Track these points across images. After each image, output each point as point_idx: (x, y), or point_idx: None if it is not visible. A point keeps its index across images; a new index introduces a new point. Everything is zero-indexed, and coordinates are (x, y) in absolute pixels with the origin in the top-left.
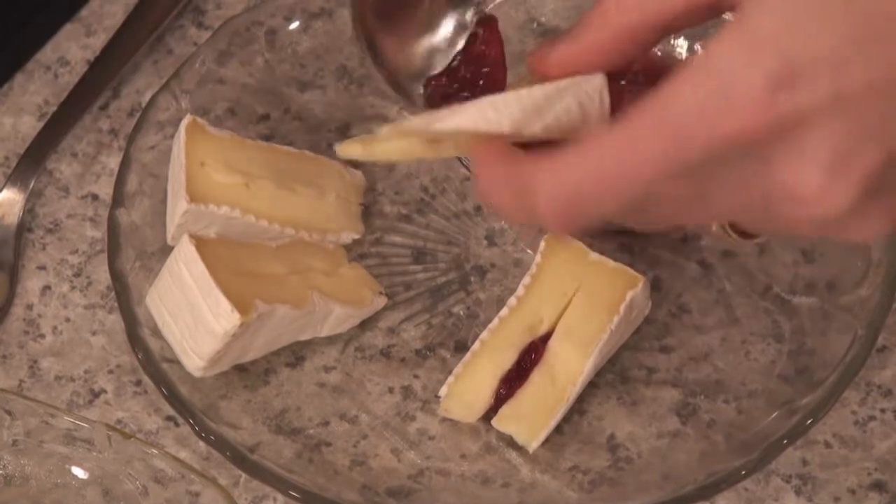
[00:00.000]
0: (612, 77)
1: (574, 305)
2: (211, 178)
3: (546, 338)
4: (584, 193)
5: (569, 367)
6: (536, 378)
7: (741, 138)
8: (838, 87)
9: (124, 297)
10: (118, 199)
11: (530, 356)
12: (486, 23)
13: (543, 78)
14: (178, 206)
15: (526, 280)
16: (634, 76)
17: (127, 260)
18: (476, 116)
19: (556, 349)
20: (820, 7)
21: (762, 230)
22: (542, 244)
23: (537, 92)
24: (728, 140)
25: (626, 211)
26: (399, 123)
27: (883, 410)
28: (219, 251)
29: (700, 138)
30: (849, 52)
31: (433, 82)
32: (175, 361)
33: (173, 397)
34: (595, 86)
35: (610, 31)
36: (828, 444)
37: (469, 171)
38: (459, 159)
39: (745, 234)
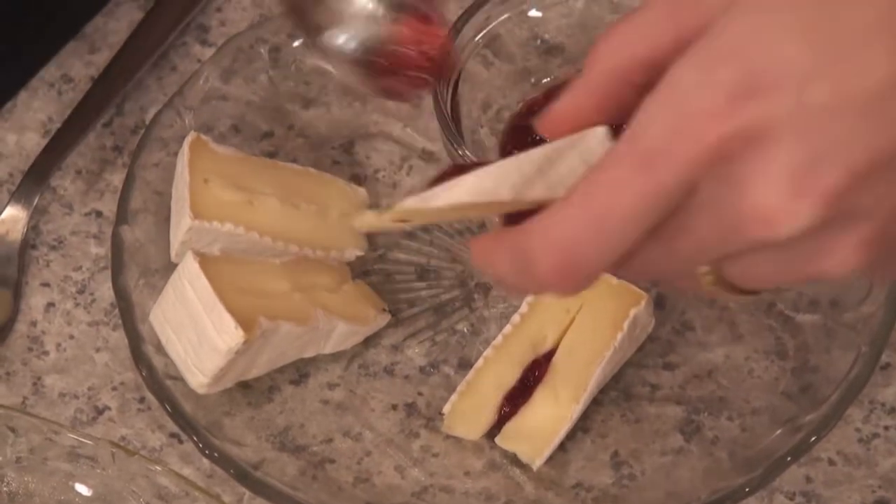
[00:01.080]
0: (617, 129)
1: (577, 323)
2: (214, 195)
3: (549, 355)
4: (578, 245)
5: (572, 384)
6: (540, 396)
7: (706, 154)
8: (802, 100)
9: (128, 314)
10: (122, 216)
11: (534, 374)
12: None
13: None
14: (181, 223)
15: (529, 298)
16: None
17: (131, 277)
18: (474, 189)
19: (560, 367)
20: (789, 20)
21: (743, 274)
22: None
23: (537, 154)
24: (694, 157)
25: (624, 256)
26: (401, 205)
27: (887, 428)
28: (222, 268)
29: (670, 162)
30: (816, 66)
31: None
32: (179, 378)
33: (177, 414)
34: (598, 139)
35: (603, 76)
36: (831, 462)
37: None
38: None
39: (736, 290)
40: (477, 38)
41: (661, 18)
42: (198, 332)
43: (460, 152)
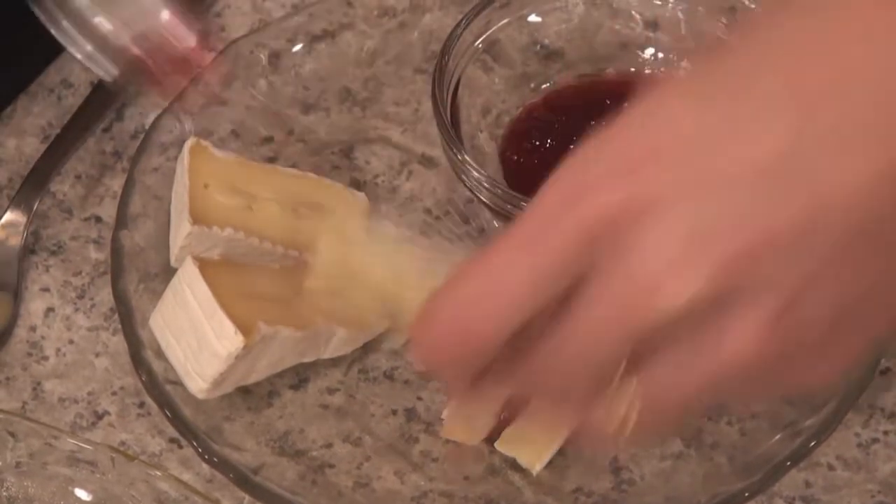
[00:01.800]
0: None
1: None
2: (214, 200)
3: None
4: (472, 307)
5: None
6: (538, 401)
7: (588, 225)
8: (694, 170)
9: (127, 319)
10: (121, 220)
11: None
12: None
13: None
14: (181, 228)
15: None
16: None
17: (130, 282)
18: None
19: None
20: (687, 92)
21: (653, 385)
22: None
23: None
24: (575, 227)
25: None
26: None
27: (886, 433)
28: (222, 273)
29: (552, 235)
30: (710, 137)
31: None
32: (178, 383)
33: (177, 419)
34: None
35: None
36: (831, 467)
37: (473, 193)
38: (461, 177)
39: (657, 416)
40: (476, 44)
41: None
42: (197, 337)
43: (459, 157)
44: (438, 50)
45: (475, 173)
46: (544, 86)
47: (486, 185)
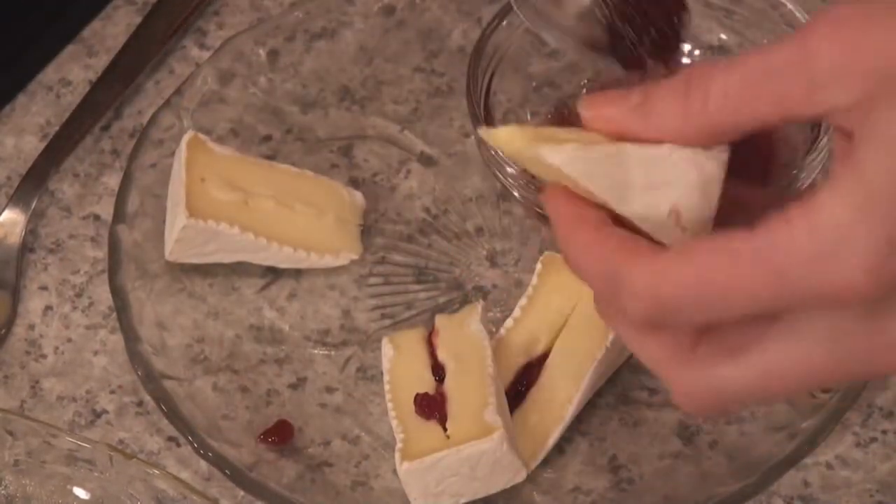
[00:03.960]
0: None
1: (570, 325)
2: (210, 195)
3: (543, 358)
4: (675, 305)
5: (566, 386)
6: (533, 399)
7: (845, 297)
8: None
9: (124, 314)
10: (119, 215)
11: (527, 378)
12: None
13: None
14: (176, 221)
15: (522, 301)
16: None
17: (127, 276)
18: (567, 161)
19: (553, 369)
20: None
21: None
22: (539, 265)
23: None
24: (830, 296)
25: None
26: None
27: (884, 432)
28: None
29: (801, 289)
30: None
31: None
32: (176, 378)
33: (173, 415)
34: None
35: (692, 128)
36: (829, 466)
37: (503, 185)
38: (495, 173)
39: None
40: (508, 42)
41: (772, 96)
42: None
43: (494, 153)
44: (437, 49)
45: (510, 169)
46: (583, 82)
47: (520, 181)
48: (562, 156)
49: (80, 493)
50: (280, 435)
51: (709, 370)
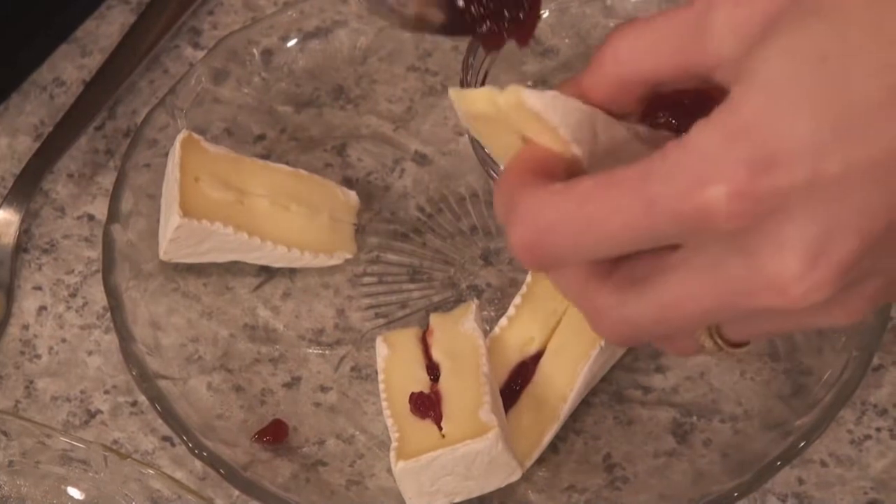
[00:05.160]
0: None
1: (564, 324)
2: (204, 194)
3: (537, 357)
4: (553, 235)
5: (559, 385)
6: (527, 398)
7: (715, 218)
8: (817, 174)
9: (119, 314)
10: (113, 214)
11: (521, 376)
12: None
13: None
14: (170, 221)
15: (517, 300)
16: (675, 109)
17: (122, 276)
18: (550, 103)
19: (547, 368)
20: (803, 95)
21: (745, 331)
22: None
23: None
24: (701, 217)
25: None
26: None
27: (878, 429)
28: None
29: (672, 211)
30: (828, 140)
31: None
32: (170, 378)
33: (168, 415)
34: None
35: (604, 79)
36: (824, 463)
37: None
38: (489, 172)
39: (733, 344)
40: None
41: (671, 48)
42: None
43: (489, 152)
44: (431, 48)
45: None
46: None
47: None
48: (544, 100)
49: (74, 493)
50: (275, 434)
51: (619, 300)
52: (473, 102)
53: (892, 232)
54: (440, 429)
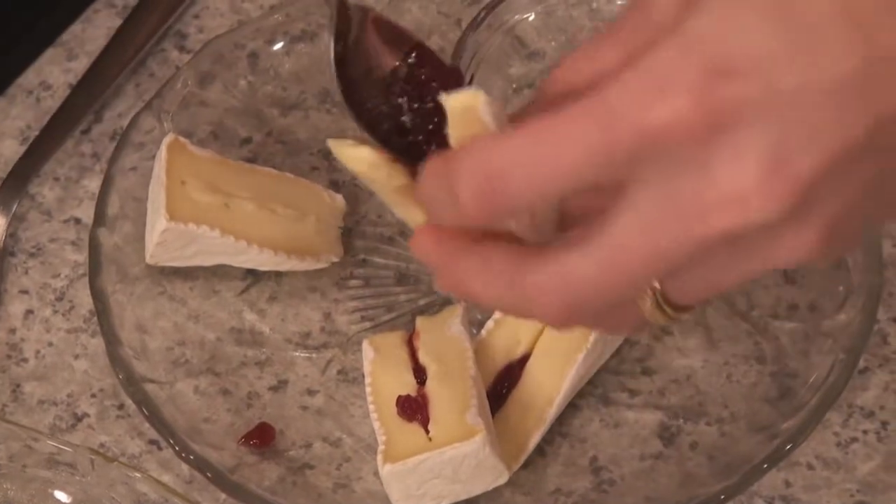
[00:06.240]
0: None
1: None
2: (191, 198)
3: (524, 360)
4: (507, 176)
5: (546, 388)
6: (514, 401)
7: (674, 129)
8: (773, 85)
9: (105, 318)
10: (99, 218)
11: (507, 380)
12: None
13: None
14: (157, 225)
15: None
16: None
17: (108, 280)
18: (485, 99)
19: (534, 371)
20: (756, 9)
21: (690, 286)
22: None
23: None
24: (660, 129)
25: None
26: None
27: (865, 432)
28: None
29: (631, 125)
30: (784, 53)
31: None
32: (157, 382)
33: (154, 418)
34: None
35: (552, 97)
36: (810, 466)
37: None
38: None
39: (679, 308)
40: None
41: (608, 45)
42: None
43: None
44: None
45: None
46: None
47: None
48: (482, 97)
49: (61, 496)
50: (261, 437)
51: (558, 264)
52: (349, 160)
53: (852, 158)
54: (427, 432)
